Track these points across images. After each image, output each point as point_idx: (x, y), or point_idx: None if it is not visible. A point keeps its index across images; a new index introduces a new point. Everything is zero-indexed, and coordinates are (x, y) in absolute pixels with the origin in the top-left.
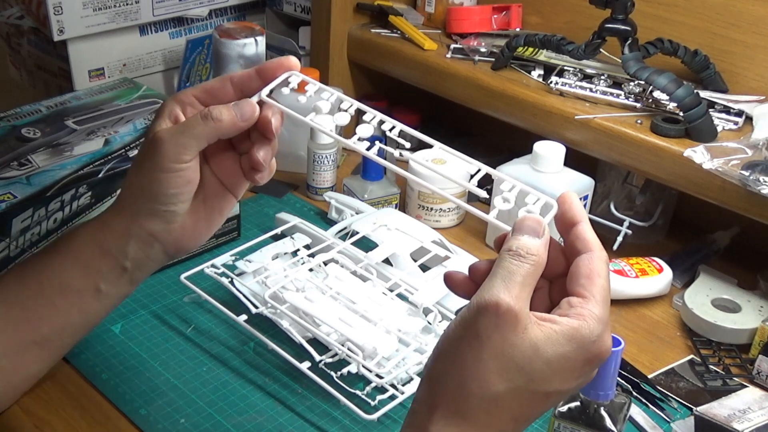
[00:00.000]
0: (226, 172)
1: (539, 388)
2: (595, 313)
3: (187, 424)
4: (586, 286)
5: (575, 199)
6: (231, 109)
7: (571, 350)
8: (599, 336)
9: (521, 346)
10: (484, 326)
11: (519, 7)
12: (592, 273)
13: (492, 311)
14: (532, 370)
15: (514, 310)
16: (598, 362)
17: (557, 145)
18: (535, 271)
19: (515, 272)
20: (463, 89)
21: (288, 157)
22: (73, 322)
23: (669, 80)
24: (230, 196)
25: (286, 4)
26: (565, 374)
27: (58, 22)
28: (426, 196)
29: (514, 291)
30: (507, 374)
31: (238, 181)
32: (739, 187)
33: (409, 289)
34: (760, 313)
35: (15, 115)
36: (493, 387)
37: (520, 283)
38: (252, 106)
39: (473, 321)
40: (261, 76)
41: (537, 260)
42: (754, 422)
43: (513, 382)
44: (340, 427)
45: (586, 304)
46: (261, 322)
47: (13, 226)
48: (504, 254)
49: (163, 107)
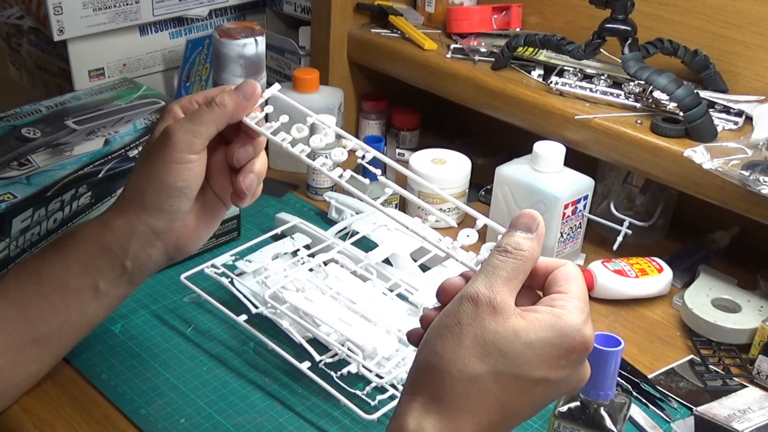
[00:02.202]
0: (219, 184)
1: (523, 372)
2: (575, 305)
3: (187, 424)
4: (565, 285)
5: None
6: (233, 92)
7: (554, 336)
8: (580, 327)
9: (502, 332)
10: (465, 314)
11: (519, 7)
12: (569, 275)
13: (470, 303)
14: (514, 354)
15: (493, 301)
16: (582, 352)
17: (557, 145)
18: (522, 265)
19: (500, 267)
20: (463, 89)
21: (288, 157)
22: (72, 322)
23: (669, 80)
24: (221, 205)
25: (286, 4)
26: (550, 361)
27: (58, 22)
28: (426, 197)
29: (496, 285)
30: (488, 357)
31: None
32: (739, 187)
33: (409, 289)
34: (760, 313)
35: (15, 115)
36: (472, 369)
37: (504, 278)
38: (252, 84)
39: (455, 311)
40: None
41: (525, 255)
42: (754, 422)
43: (494, 365)
44: (340, 427)
45: (567, 298)
46: (261, 322)
47: (13, 226)
48: (492, 252)
49: (167, 110)
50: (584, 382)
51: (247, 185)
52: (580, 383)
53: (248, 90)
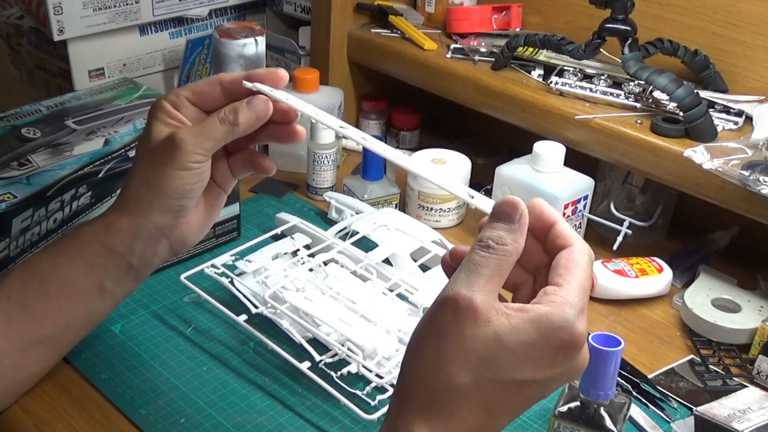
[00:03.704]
0: (219, 171)
1: (507, 377)
2: (568, 299)
3: (187, 424)
4: (564, 275)
5: (544, 203)
6: (246, 110)
7: (539, 337)
8: (571, 322)
9: (483, 338)
10: (444, 322)
11: (519, 7)
12: (571, 263)
13: (451, 307)
14: (497, 361)
15: (473, 304)
16: (571, 349)
17: (557, 145)
18: (505, 260)
19: (481, 264)
20: (463, 89)
21: (288, 157)
22: (77, 321)
23: (669, 80)
24: (221, 192)
25: (286, 4)
26: (535, 362)
27: (58, 22)
28: (426, 196)
29: (477, 284)
30: (470, 366)
31: (228, 179)
32: (739, 187)
33: (409, 289)
34: (760, 313)
35: (15, 115)
36: (456, 379)
37: (486, 275)
38: (266, 103)
39: (434, 316)
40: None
41: (508, 249)
42: (754, 422)
43: (477, 373)
44: (340, 427)
45: (560, 291)
46: (261, 322)
47: (13, 226)
48: (474, 245)
49: (158, 107)
50: (578, 375)
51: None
52: (573, 377)
53: (262, 111)
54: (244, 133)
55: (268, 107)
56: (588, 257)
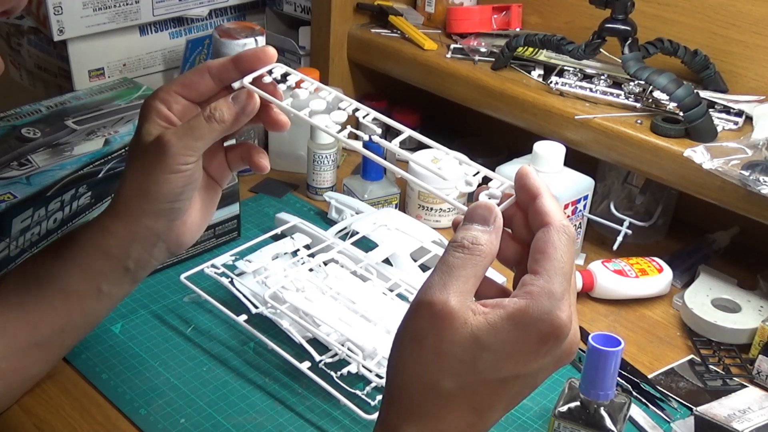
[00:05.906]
0: (215, 164)
1: (489, 376)
2: (545, 288)
3: (187, 424)
4: (540, 260)
5: (532, 173)
6: (231, 106)
7: (518, 333)
8: (550, 312)
9: (461, 341)
10: (420, 327)
11: (519, 7)
12: (547, 246)
13: (426, 312)
14: (478, 362)
15: (448, 307)
16: (555, 339)
17: (557, 145)
18: (480, 261)
19: (455, 266)
20: (463, 89)
21: (288, 157)
22: (75, 323)
23: (669, 80)
24: (217, 186)
25: (286, 4)
26: (517, 358)
27: (58, 22)
28: (426, 196)
29: (451, 287)
30: (451, 371)
31: (224, 172)
32: (739, 187)
33: (409, 289)
34: (760, 313)
35: (15, 115)
36: (440, 384)
37: (462, 277)
38: (252, 98)
39: (411, 322)
40: (238, 66)
41: (483, 250)
42: (754, 422)
43: (459, 377)
44: (340, 427)
45: (537, 281)
46: (261, 322)
47: (13, 226)
48: (448, 246)
49: (148, 108)
50: (568, 360)
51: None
52: (563, 363)
53: (248, 106)
54: (233, 129)
55: (254, 101)
56: (566, 236)
